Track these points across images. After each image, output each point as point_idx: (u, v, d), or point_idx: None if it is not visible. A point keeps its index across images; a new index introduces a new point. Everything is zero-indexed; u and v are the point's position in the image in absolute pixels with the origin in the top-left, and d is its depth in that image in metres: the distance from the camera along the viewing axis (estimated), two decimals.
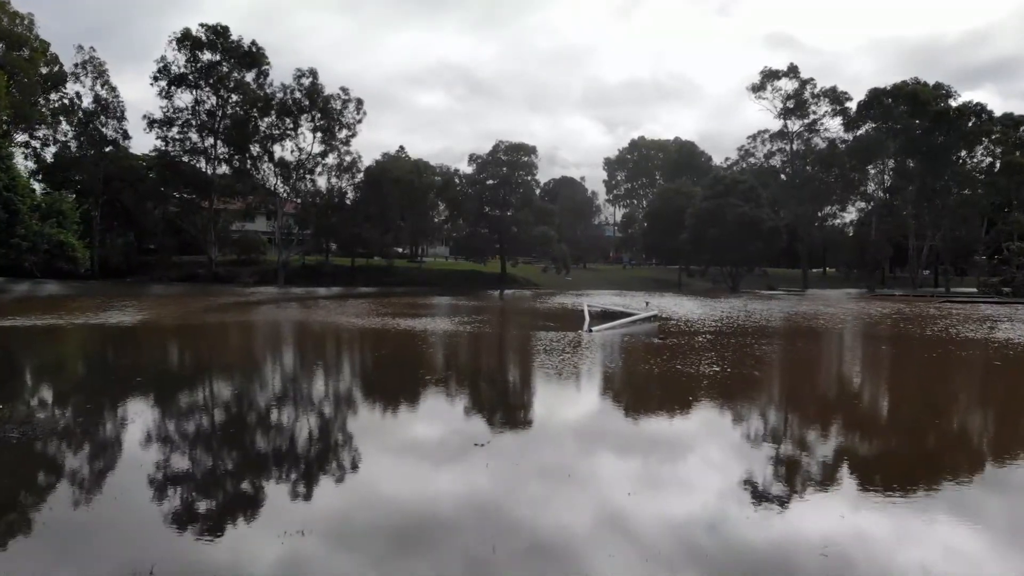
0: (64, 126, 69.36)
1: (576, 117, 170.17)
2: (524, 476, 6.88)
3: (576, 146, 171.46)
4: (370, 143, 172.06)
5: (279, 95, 60.17)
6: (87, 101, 67.76)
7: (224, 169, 64.24)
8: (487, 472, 6.94)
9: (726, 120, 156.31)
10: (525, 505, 6.01)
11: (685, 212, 69.03)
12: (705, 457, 8.03)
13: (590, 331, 21.21)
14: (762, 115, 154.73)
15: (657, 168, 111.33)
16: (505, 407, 10.94)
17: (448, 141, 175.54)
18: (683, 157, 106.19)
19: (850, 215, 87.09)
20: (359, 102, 59.97)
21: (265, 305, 35.56)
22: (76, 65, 67.66)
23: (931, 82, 72.80)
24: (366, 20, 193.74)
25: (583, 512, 5.84)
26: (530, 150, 63.28)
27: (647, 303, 33.79)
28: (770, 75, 75.50)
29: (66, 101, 68.34)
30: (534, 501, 6.11)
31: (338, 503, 6.18)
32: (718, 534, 5.47)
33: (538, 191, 68.74)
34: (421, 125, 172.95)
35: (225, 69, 62.44)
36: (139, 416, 9.35)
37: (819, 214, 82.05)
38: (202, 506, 6.04)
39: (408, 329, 21.65)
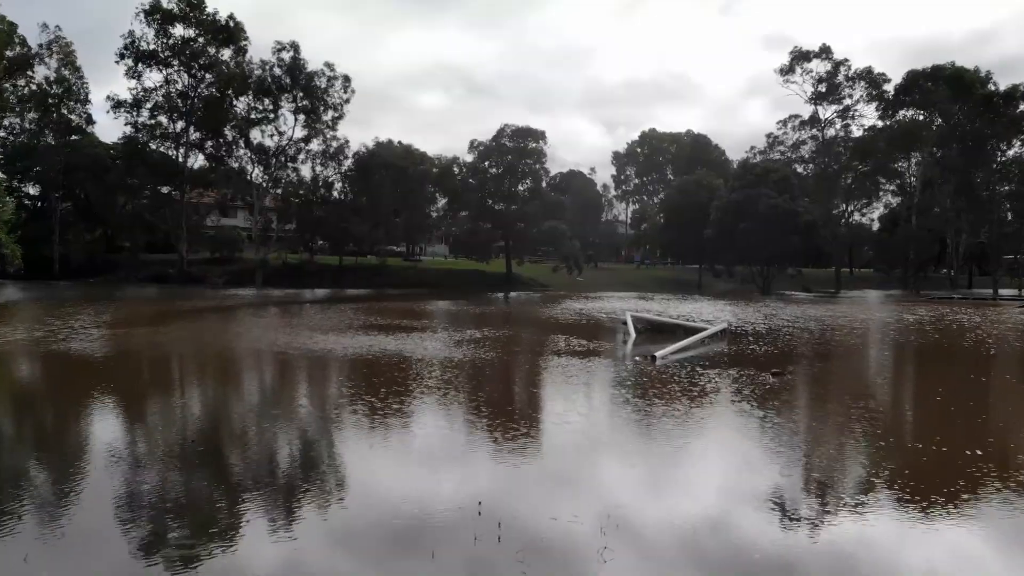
0: (32, 114, 63.26)
1: (576, 118, 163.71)
2: None
3: (576, 147, 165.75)
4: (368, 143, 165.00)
5: (257, 72, 53.40)
6: (52, 83, 61.62)
7: (198, 158, 57.68)
8: None
9: (727, 121, 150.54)
10: None
11: (707, 206, 62.40)
12: None
13: (652, 358, 14.54)
14: (764, 116, 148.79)
15: (669, 162, 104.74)
16: None
17: (448, 141, 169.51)
18: (696, 151, 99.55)
19: (877, 210, 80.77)
20: (346, 79, 53.14)
21: (226, 313, 28.95)
22: (41, 45, 61.41)
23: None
24: (366, 20, 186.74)
25: None
26: (539, 135, 56.46)
27: (716, 321, 27.06)
28: (800, 56, 68.71)
29: (33, 86, 62.14)
30: None
31: None
32: None
33: (544, 183, 61.77)
34: (421, 125, 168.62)
35: (200, 43, 55.75)
36: None
37: (848, 208, 75.49)
38: None
39: (394, 356, 15.00)
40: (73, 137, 62.79)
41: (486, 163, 57.51)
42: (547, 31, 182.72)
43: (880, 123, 69.06)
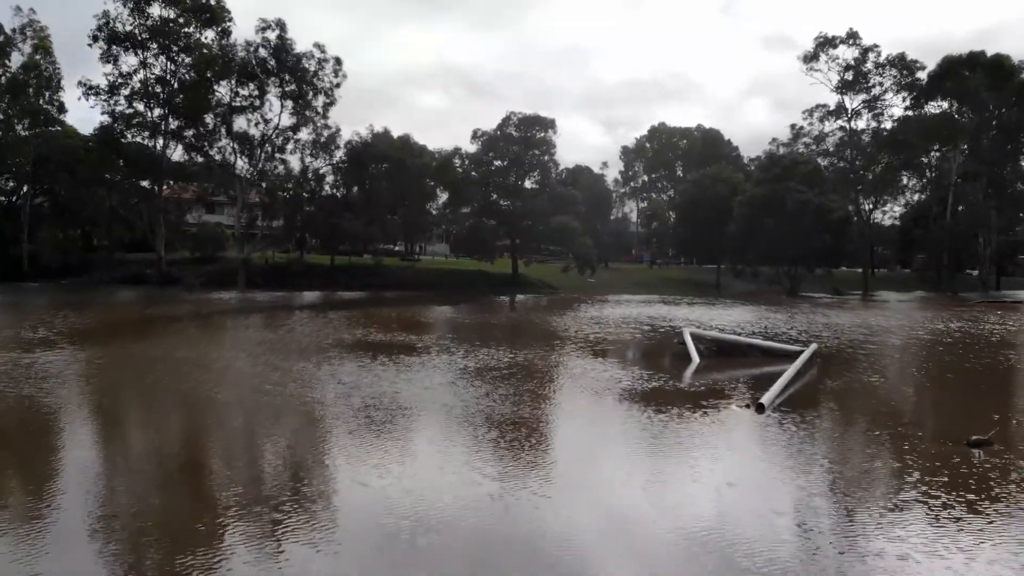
0: (3, 104, 58.83)
1: (576, 117, 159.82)
2: None
3: (576, 147, 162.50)
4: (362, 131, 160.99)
5: (241, 54, 48.79)
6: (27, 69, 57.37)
7: (177, 149, 53.03)
8: None
9: (728, 121, 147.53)
10: None
11: (727, 201, 58.00)
12: None
13: (759, 408, 9.99)
14: (765, 116, 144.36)
15: (678, 158, 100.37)
16: None
17: (447, 141, 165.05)
18: (707, 146, 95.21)
19: (897, 207, 76.53)
20: (337, 61, 48.47)
21: (186, 324, 24.44)
22: (14, 30, 57.11)
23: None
24: (365, 19, 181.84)
25: None
26: (548, 123, 51.81)
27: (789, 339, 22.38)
28: (825, 43, 64.10)
29: (9, 75, 57.87)
30: None
31: None
32: None
33: (553, 175, 56.99)
34: (420, 125, 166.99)
35: (180, 23, 51.23)
36: None
37: (873, 204, 71.06)
38: None
39: (385, 407, 10.45)
40: (52, 128, 58.39)
41: (490, 154, 52.87)
42: (547, 31, 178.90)
43: (910, 113, 64.74)
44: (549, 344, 18.52)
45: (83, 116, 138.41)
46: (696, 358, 14.69)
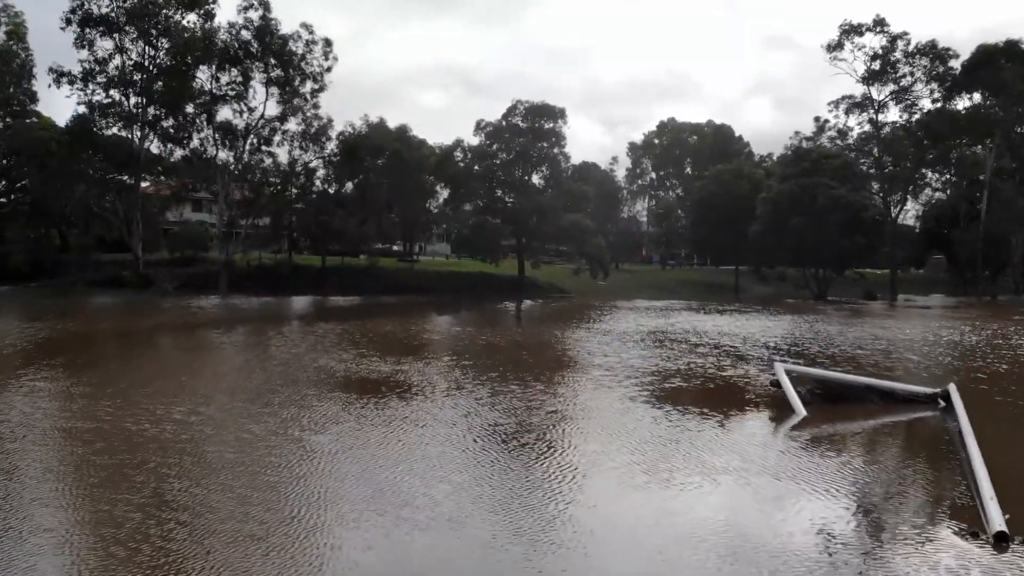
0: None
1: (576, 116, 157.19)
2: None
3: (577, 146, 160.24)
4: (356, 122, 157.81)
5: (223, 36, 44.73)
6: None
7: (154, 141, 48.92)
8: None
9: (731, 121, 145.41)
10: None
11: (749, 199, 54.18)
12: None
13: (1002, 541, 5.97)
14: (766, 116, 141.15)
15: (689, 154, 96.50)
16: None
17: (447, 140, 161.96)
18: (719, 142, 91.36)
19: (918, 206, 72.76)
20: (327, 43, 44.42)
21: (122, 343, 20.45)
22: None
23: None
24: (364, 17, 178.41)
25: None
26: (557, 114, 47.74)
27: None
28: (850, 30, 60.16)
29: None
30: None
31: None
32: None
33: (562, 168, 52.80)
34: (419, 124, 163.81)
35: (160, 4, 47.20)
36: None
37: (900, 202, 67.20)
38: None
39: (344, 529, 6.47)
40: (27, 120, 54.39)
41: (494, 146, 48.85)
42: (547, 30, 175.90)
43: (940, 106, 60.81)
44: (592, 378, 14.46)
45: (61, 111, 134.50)
46: (801, 409, 10.71)
